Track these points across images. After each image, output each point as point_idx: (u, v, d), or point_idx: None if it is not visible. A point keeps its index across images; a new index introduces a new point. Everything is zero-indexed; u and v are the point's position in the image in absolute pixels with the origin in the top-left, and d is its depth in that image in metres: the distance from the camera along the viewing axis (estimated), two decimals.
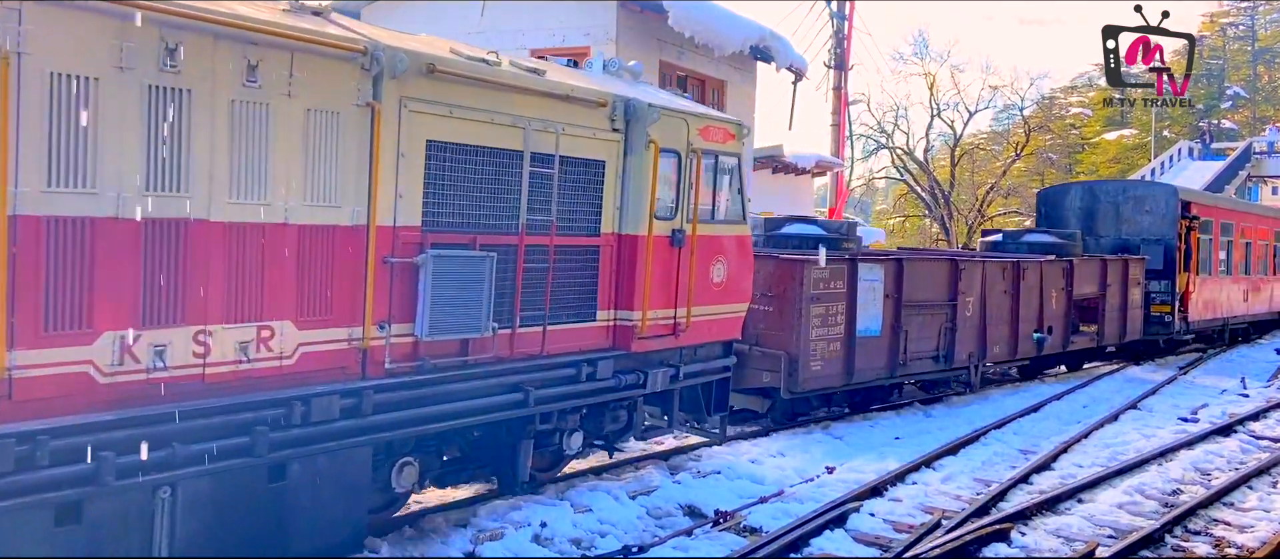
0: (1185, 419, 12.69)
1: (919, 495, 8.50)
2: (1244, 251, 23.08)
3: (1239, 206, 25.52)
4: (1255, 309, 24.03)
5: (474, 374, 6.69)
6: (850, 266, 11.27)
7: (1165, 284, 18.59)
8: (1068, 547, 7.27)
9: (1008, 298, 14.14)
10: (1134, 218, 19.29)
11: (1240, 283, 22.89)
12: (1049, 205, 20.87)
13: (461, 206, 6.52)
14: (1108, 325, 16.68)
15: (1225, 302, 21.71)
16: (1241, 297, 22.77)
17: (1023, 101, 55.09)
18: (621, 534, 7.35)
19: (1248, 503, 8.73)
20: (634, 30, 16.28)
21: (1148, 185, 22.92)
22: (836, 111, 27.18)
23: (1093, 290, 16.29)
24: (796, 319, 10.63)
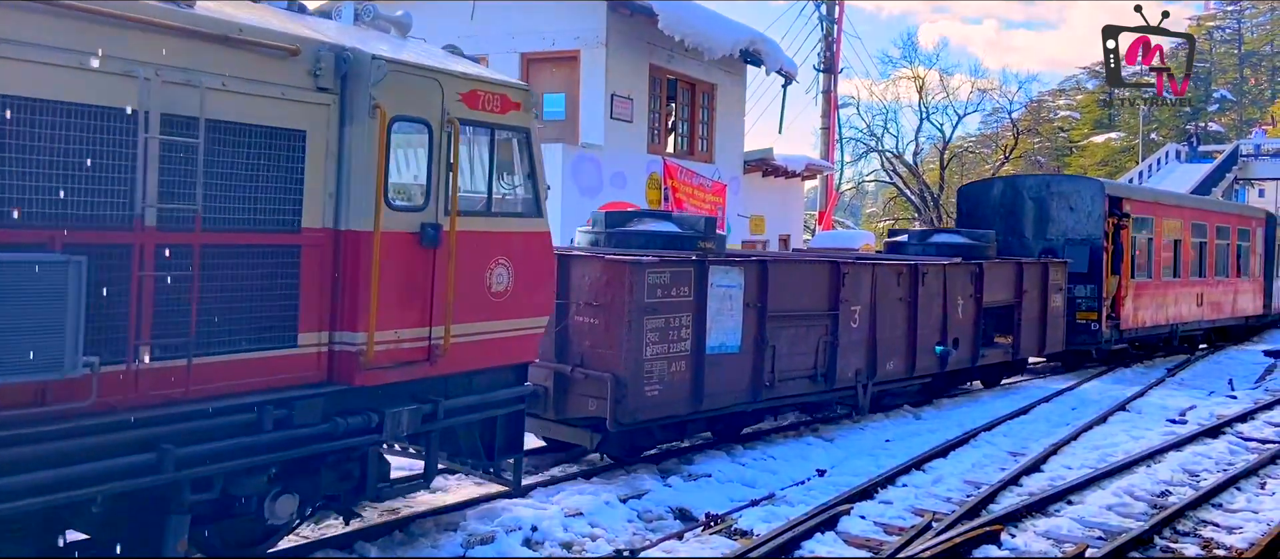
0: (1173, 421, 12.75)
1: (909, 498, 8.52)
2: (1197, 252, 21.14)
3: (1190, 203, 22.74)
4: (1215, 314, 22.09)
5: (50, 432, 4.62)
6: (698, 270, 9.25)
7: (1091, 289, 16.82)
8: (1057, 548, 7.29)
9: (904, 306, 12.20)
10: (1058, 216, 17.44)
11: (1192, 286, 20.83)
12: (970, 203, 18.80)
13: (26, 190, 4.56)
14: (1025, 336, 14.81)
15: (1172, 307, 19.77)
16: (1194, 301, 20.81)
17: (1012, 104, 55.25)
18: (612, 537, 7.35)
19: (1236, 504, 8.77)
20: (624, 33, 16.29)
21: (1072, 180, 20.49)
22: (826, 114, 27.23)
23: (1007, 297, 14.42)
24: (626, 333, 8.58)
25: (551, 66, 16.64)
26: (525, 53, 16.61)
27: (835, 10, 26.72)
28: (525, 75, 16.67)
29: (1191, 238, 20.74)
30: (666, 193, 17.34)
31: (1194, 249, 20.97)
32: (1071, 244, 17.08)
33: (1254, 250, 24.33)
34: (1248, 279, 23.95)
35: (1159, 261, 19.34)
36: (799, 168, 22.32)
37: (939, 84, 48.31)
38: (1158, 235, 19.26)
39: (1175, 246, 20.14)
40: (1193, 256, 20.92)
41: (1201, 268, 21.32)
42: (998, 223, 17.54)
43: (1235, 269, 23.20)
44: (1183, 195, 25.72)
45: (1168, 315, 19.67)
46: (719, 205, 18.46)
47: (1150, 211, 19.27)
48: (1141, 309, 18.51)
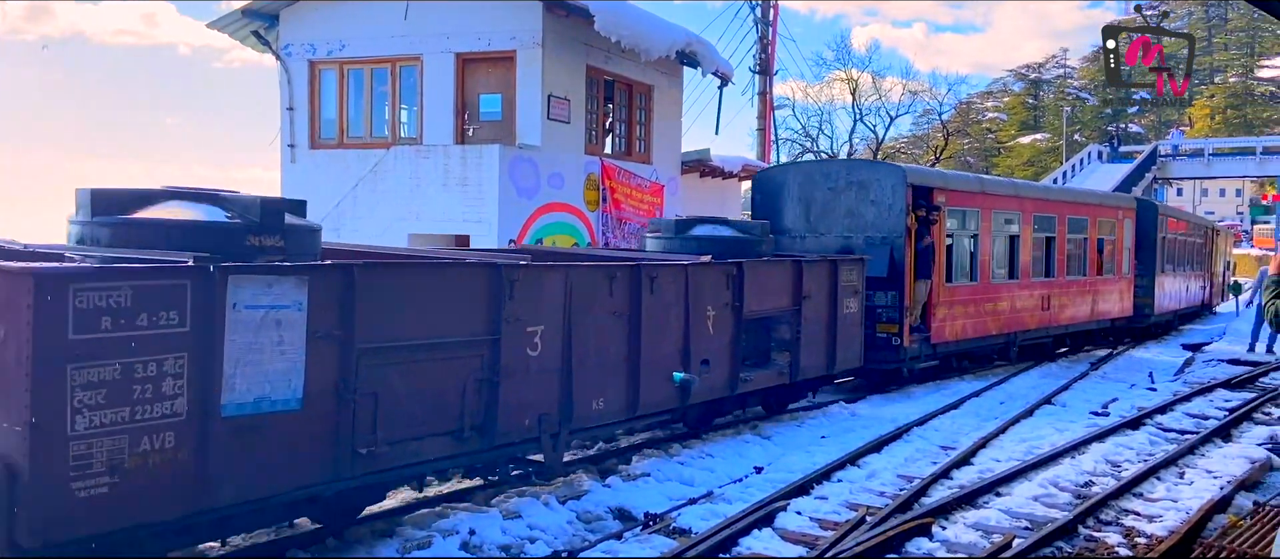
0: (1097, 414, 13.14)
1: (844, 493, 8.66)
2: (1042, 248, 18.32)
3: (1032, 192, 19.50)
4: (1069, 319, 19.36)
5: None
6: (199, 286, 5.58)
7: (892, 295, 14.03)
8: (986, 539, 7.48)
9: (620, 322, 8.82)
10: (860, 210, 14.54)
11: (1035, 288, 17.95)
12: (764, 195, 15.65)
13: None
14: (807, 353, 11.79)
15: (1006, 313, 16.98)
16: (1038, 305, 18.00)
17: (942, 106, 56.45)
18: (551, 539, 7.35)
19: (1156, 493, 9.07)
20: (560, 34, 16.27)
21: (872, 167, 16.70)
22: (762, 116, 27.52)
23: (781, 304, 11.39)
24: (26, 393, 4.93)
25: (487, 67, 16.55)
26: (460, 53, 16.50)
27: (769, 13, 27.01)
28: (460, 75, 16.58)
29: (1034, 233, 17.87)
30: (604, 194, 17.37)
31: (1037, 245, 18.06)
32: (872, 243, 14.21)
33: (1120, 245, 21.41)
34: (1112, 277, 21.14)
35: (987, 261, 16.44)
36: (736, 168, 22.52)
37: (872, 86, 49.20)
38: (986, 230, 16.35)
39: (1011, 243, 17.30)
40: (1036, 254, 18.03)
41: (1049, 267, 18.47)
42: (796, 219, 15.03)
43: (1095, 266, 20.34)
44: (1021, 183, 22.21)
45: (1001, 324, 16.84)
46: (657, 206, 18.55)
47: (973, 202, 16.23)
48: (961, 318, 15.72)
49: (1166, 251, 23.98)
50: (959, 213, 15.79)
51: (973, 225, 16.14)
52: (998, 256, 16.92)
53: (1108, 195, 24.18)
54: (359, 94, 17.51)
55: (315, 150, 17.65)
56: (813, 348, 11.95)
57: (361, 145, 17.22)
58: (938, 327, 15.10)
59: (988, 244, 16.47)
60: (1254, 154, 54.80)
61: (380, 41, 17.02)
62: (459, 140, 16.42)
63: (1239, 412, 12.99)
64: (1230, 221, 72.46)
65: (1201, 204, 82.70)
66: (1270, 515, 7.88)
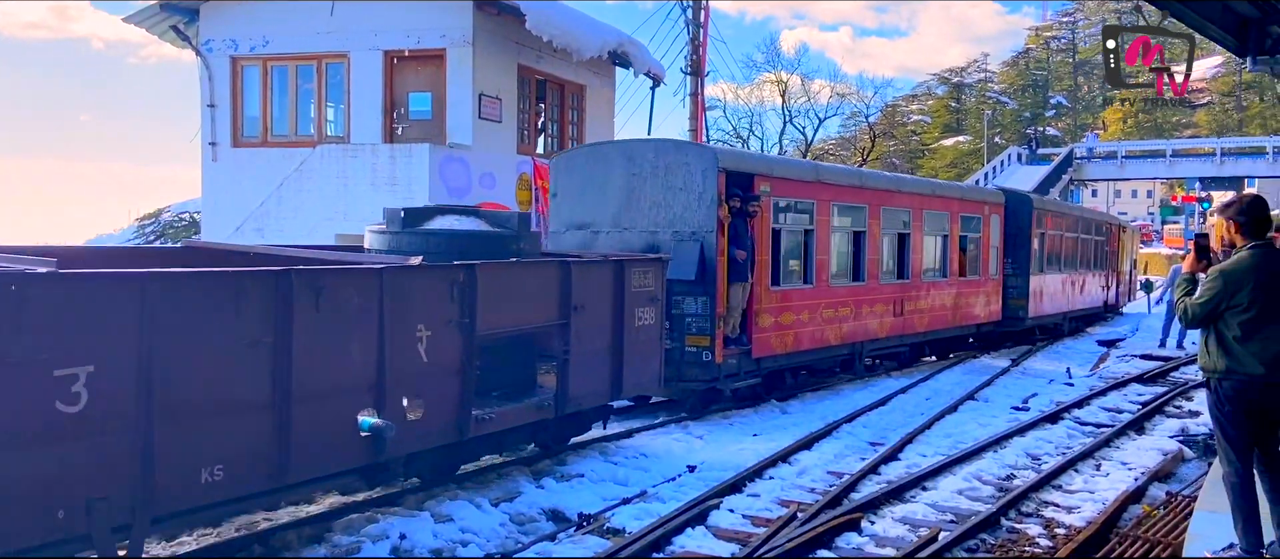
0: (1017, 408, 13.50)
1: (776, 489, 8.75)
2: (894, 247, 16.41)
3: (880, 182, 16.64)
4: (927, 325, 17.34)
5: None
6: None
7: (702, 302, 11.82)
8: (913, 533, 7.62)
9: (259, 354, 6.22)
10: (665, 199, 12.18)
11: (885, 292, 15.89)
12: (565, 181, 12.98)
13: None
14: (580, 378, 9.20)
15: (850, 320, 14.87)
16: (889, 311, 16.01)
17: (868, 108, 57.48)
18: (484, 542, 7.29)
19: (1074, 485, 9.35)
20: (491, 33, 16.15)
21: (678, 148, 12.74)
22: (694, 117, 27.67)
23: (542, 319, 8.87)
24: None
25: (416, 65, 16.34)
26: (388, 50, 16.27)
27: (701, 14, 27.17)
28: (388, 73, 16.34)
29: (884, 229, 15.74)
30: (537, 194, 17.30)
31: (887, 243, 15.99)
32: (680, 239, 11.94)
33: (987, 242, 19.37)
34: (977, 279, 19.13)
35: (825, 261, 14.20)
36: None
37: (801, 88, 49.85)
38: (824, 225, 14.10)
39: (856, 240, 15.19)
40: (886, 253, 15.99)
41: (902, 267, 16.42)
42: (599, 211, 12.59)
43: (958, 267, 18.34)
44: (868, 172, 19.10)
45: (844, 333, 14.72)
46: None
47: (807, 193, 13.86)
48: (791, 327, 13.44)
49: (1046, 250, 21.96)
50: (789, 204, 13.52)
51: (807, 219, 13.86)
52: (839, 256, 14.73)
53: (972, 189, 21.36)
54: (283, 91, 17.15)
55: (238, 149, 17.24)
56: (589, 371, 9.28)
57: (286, 144, 16.87)
58: (760, 337, 12.70)
59: (826, 241, 14.20)
60: (1164, 156, 56.90)
61: (305, 38, 16.70)
62: (388, 139, 16.20)
63: (1151, 405, 13.47)
64: (1142, 221, 75.22)
65: (1115, 205, 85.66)
66: (1182, 505, 8.18)
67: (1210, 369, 5.35)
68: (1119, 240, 30.54)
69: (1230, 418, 5.27)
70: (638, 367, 10.06)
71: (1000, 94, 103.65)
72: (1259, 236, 5.33)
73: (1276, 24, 11.85)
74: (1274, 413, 5.37)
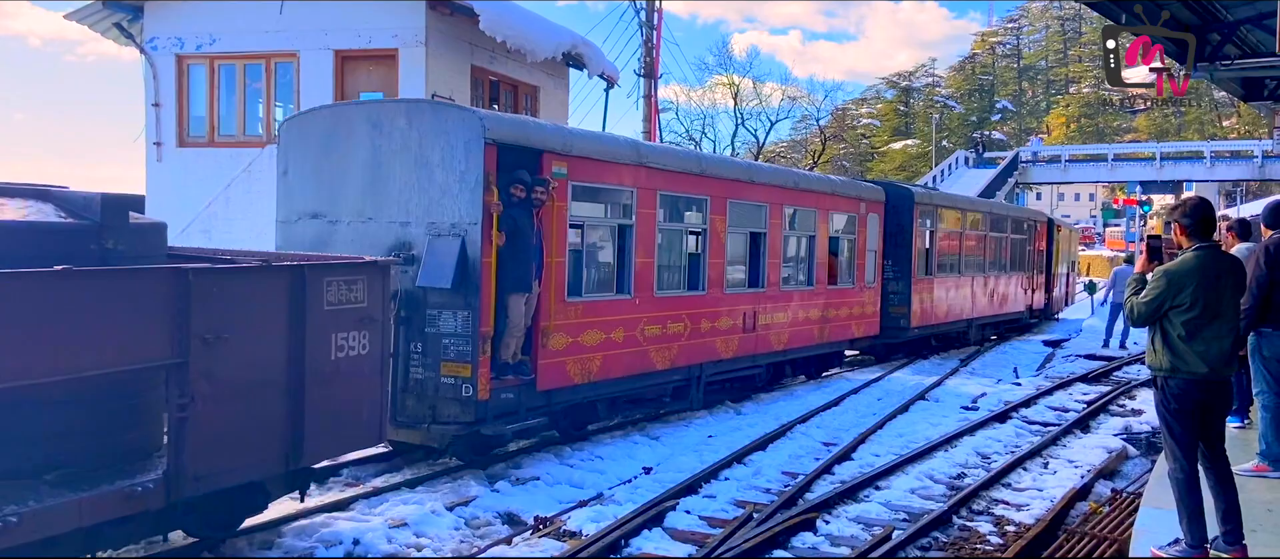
0: (967, 408, 13.71)
1: (732, 490, 8.78)
2: (744, 249, 13.41)
3: (724, 172, 13.16)
4: (785, 342, 14.37)
5: None
6: None
7: (464, 318, 8.90)
8: (867, 532, 7.70)
9: None
10: (418, 181, 9.21)
11: (732, 304, 12.94)
12: (302, 147, 9.95)
13: None
14: (214, 442, 6.13)
15: (684, 338, 11.92)
16: (738, 326, 13.10)
17: (819, 112, 58.03)
18: (438, 546, 7.22)
19: (1023, 483, 9.52)
20: (445, 33, 16.01)
21: (436, 112, 9.49)
22: (647, 118, 27.70)
23: (138, 356, 5.77)
24: None
25: (368, 65, 16.16)
26: (339, 50, 16.06)
27: (654, 16, 27.22)
28: (339, 73, 16.13)
29: (731, 228, 12.85)
30: None
31: (736, 245, 13.18)
32: (436, 233, 9.03)
33: (863, 245, 16.76)
34: (851, 287, 16.44)
35: (647, 265, 11.28)
36: None
37: (752, 91, 50.17)
38: (646, 221, 11.18)
39: (698, 242, 12.61)
40: (733, 257, 13.13)
41: (755, 274, 13.59)
42: (332, 195, 9.65)
43: (828, 273, 15.64)
44: (711, 157, 15.33)
45: (673, 354, 11.73)
46: None
47: (621, 178, 10.88)
48: (597, 350, 10.46)
49: (937, 251, 19.52)
50: (596, 192, 10.82)
51: (623, 212, 11.11)
52: (668, 259, 11.99)
53: (846, 182, 18.07)
54: (231, 90, 16.84)
55: (183, 149, 16.88)
56: (236, 431, 6.27)
57: (234, 144, 16.57)
58: (549, 364, 9.77)
59: (650, 240, 11.27)
60: (1106, 160, 58.26)
61: (253, 36, 16.41)
62: None
63: (1096, 404, 13.77)
64: (1084, 224, 76.85)
65: (1058, 207, 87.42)
66: (1127, 502, 8.37)
67: (1157, 367, 5.47)
68: (1050, 240, 28.18)
69: (1176, 415, 5.39)
70: (336, 416, 6.97)
71: (948, 98, 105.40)
72: (1204, 238, 5.47)
73: (1216, 31, 12.18)
74: (1218, 411, 5.51)
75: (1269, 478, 7.17)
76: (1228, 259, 5.55)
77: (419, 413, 9.01)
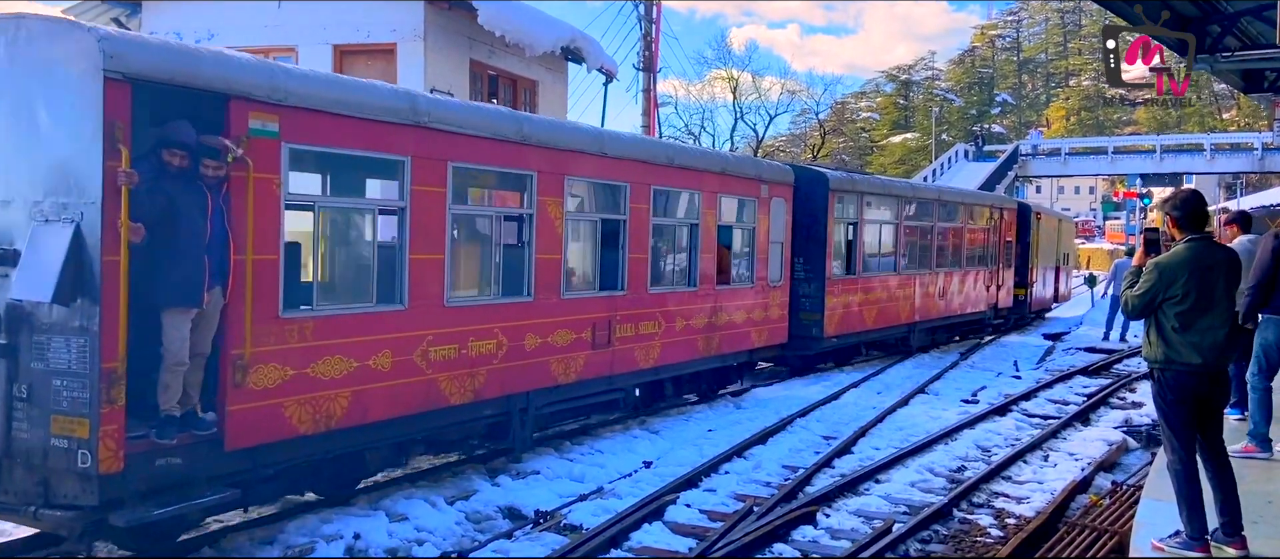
0: (967, 401, 13.72)
1: (732, 484, 8.79)
2: (593, 241, 10.54)
3: (560, 140, 9.77)
4: (655, 360, 11.23)
5: None
6: None
7: (81, 346, 5.91)
8: (868, 525, 7.71)
9: None
10: (23, 135, 6.21)
11: (572, 311, 9.92)
12: None
13: None
14: None
15: (497, 362, 8.89)
16: (588, 339, 10.11)
17: (818, 106, 57.98)
18: (439, 541, 7.23)
19: (1023, 476, 9.53)
20: (443, 28, 15.99)
21: (51, 31, 6.29)
22: (646, 113, 27.66)
23: None
24: None
25: (366, 59, 16.13)
26: (338, 44, 16.03)
27: (653, 10, 27.19)
28: (338, 67, 16.11)
29: (571, 215, 9.86)
30: None
31: (584, 233, 10.57)
32: (40, 219, 6.13)
33: (764, 236, 13.59)
34: (748, 286, 13.24)
35: (431, 265, 8.19)
36: None
37: (752, 85, 50.13)
38: (428, 204, 8.15)
39: (522, 232, 9.67)
40: (573, 251, 10.22)
41: (614, 274, 10.58)
42: None
43: (717, 271, 12.44)
44: (533, 120, 10.01)
45: (478, 382, 8.65)
46: None
47: (387, 142, 7.84)
48: (341, 384, 7.44)
49: (861, 245, 16.60)
50: (335, 162, 8.04)
51: (388, 190, 8.50)
52: (471, 255, 9.30)
53: (742, 160, 15.30)
54: None
55: None
56: None
57: None
58: (245, 413, 6.71)
59: (436, 229, 8.15)
60: (1106, 153, 58.22)
61: (252, 31, 16.36)
62: None
63: (1096, 397, 13.78)
64: (1085, 217, 76.83)
65: (1058, 200, 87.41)
66: (1128, 495, 8.38)
67: (1152, 359, 5.48)
68: (1025, 230, 24.46)
69: (1172, 406, 5.39)
70: None
71: (947, 91, 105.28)
72: (1196, 230, 5.47)
73: (1216, 23, 12.17)
74: (1215, 402, 5.51)
75: (1257, 459, 7.21)
76: (1220, 251, 5.53)
77: (27, 490, 6.06)
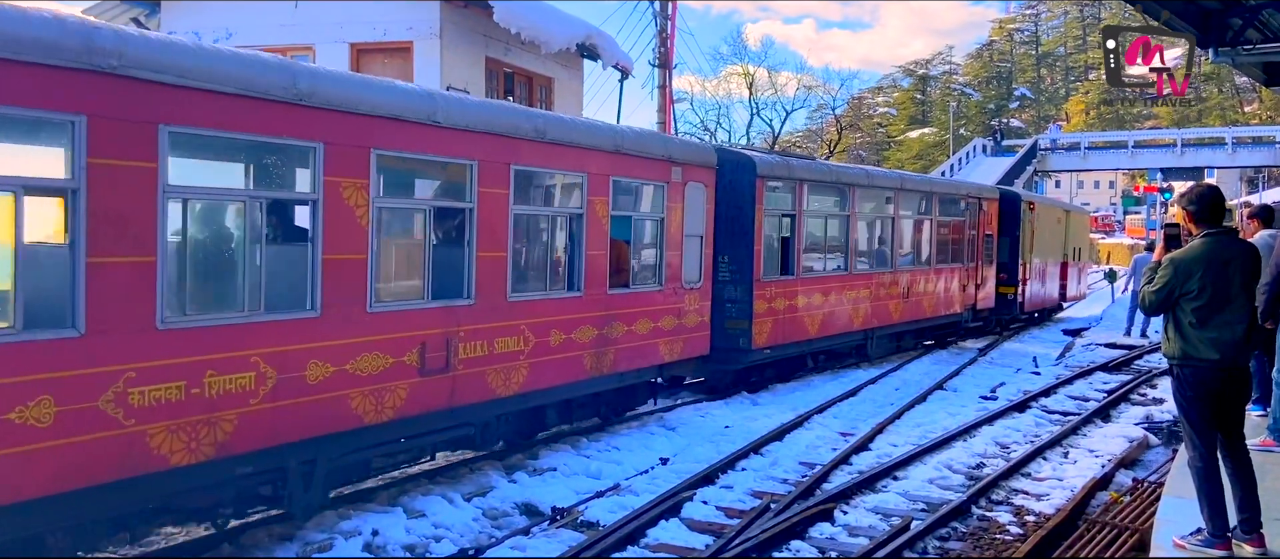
0: (985, 398, 13.64)
1: (749, 481, 8.77)
2: (423, 234, 8.05)
3: (336, 96, 6.86)
4: (536, 378, 9.02)
5: None
6: None
7: None
8: (886, 522, 7.68)
9: None
10: None
11: (406, 330, 7.61)
12: None
13: None
14: None
15: (258, 403, 6.45)
16: (415, 362, 7.67)
17: (835, 101, 57.77)
18: (457, 537, 7.25)
19: (1042, 473, 9.46)
20: (459, 26, 16.02)
21: None
22: (662, 109, 27.62)
23: None
24: None
25: (383, 57, 16.18)
26: (355, 43, 16.10)
27: (668, 6, 27.15)
28: (355, 66, 16.17)
29: (387, 196, 7.89)
30: None
31: (404, 225, 8.59)
32: None
33: (675, 232, 11.20)
34: (659, 290, 10.96)
35: (135, 271, 5.73)
36: None
37: (768, 81, 49.99)
38: (125, 185, 5.72)
39: (308, 223, 7.12)
40: (395, 248, 8.28)
41: (456, 277, 8.16)
42: None
43: (611, 271, 10.15)
44: (313, 72, 7.00)
45: (221, 438, 6.22)
46: None
47: (44, 92, 5.41)
48: None
49: (799, 240, 14.12)
50: None
51: (43, 162, 5.88)
52: (192, 256, 6.91)
53: (642, 135, 11.22)
54: None
55: None
56: None
57: None
58: None
59: (141, 222, 5.83)
60: (1126, 147, 57.68)
61: (269, 30, 16.45)
62: None
63: (1116, 393, 13.67)
64: (1105, 211, 76.21)
65: (1078, 195, 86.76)
66: (1149, 492, 8.30)
67: (1171, 355, 5.43)
68: (1014, 223, 21.63)
69: (1192, 403, 5.34)
70: None
71: (965, 86, 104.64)
72: (1212, 224, 5.41)
73: (1237, 15, 12.04)
74: (1235, 399, 5.45)
75: (1276, 452, 7.14)
76: (1238, 245, 5.46)
77: None
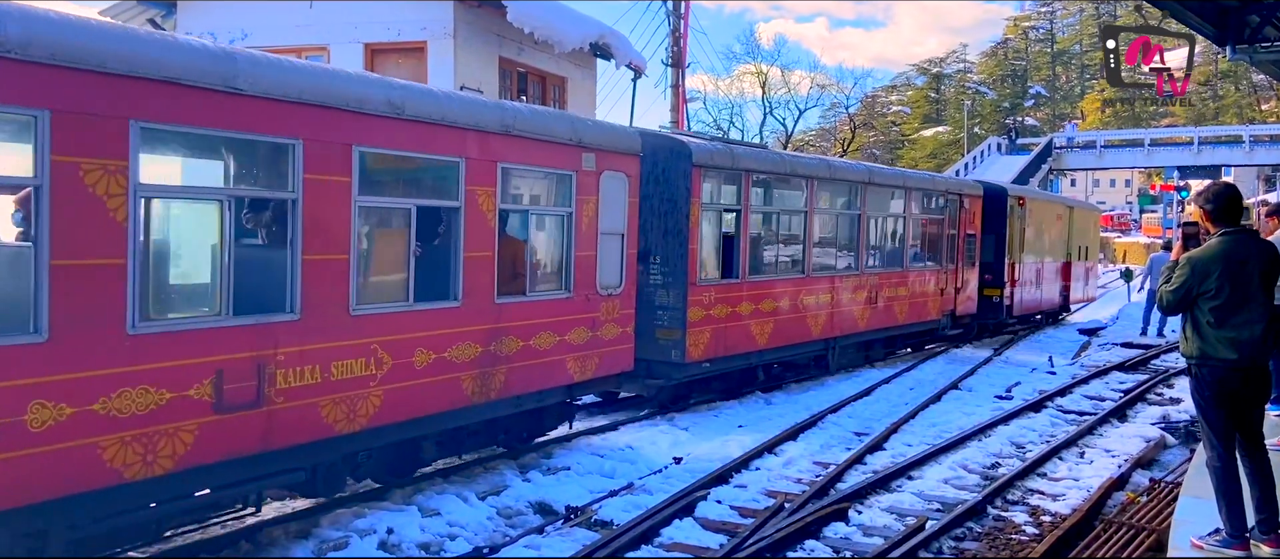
0: (1001, 397, 13.58)
1: (763, 480, 8.76)
2: (226, 231, 6.18)
3: (163, 66, 5.67)
4: (402, 407, 7.39)
5: None
6: None
7: None
8: (900, 522, 7.65)
9: None
10: None
11: (200, 354, 5.90)
12: None
13: None
14: None
15: None
16: (208, 395, 5.94)
17: (848, 99, 57.62)
18: (471, 536, 7.27)
19: (1058, 473, 9.41)
20: (472, 25, 16.06)
21: None
22: (675, 108, 27.61)
23: None
24: None
25: (397, 57, 16.23)
26: (369, 43, 16.16)
27: (681, 6, 27.13)
28: (369, 66, 16.23)
29: (187, 183, 7.62)
30: None
31: (202, 224, 7.34)
32: None
33: (589, 228, 9.51)
34: (568, 297, 9.28)
35: None
36: None
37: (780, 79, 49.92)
38: None
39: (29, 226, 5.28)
40: (185, 255, 7.73)
41: (280, 286, 6.52)
42: None
43: (503, 276, 8.43)
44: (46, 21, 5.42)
45: None
46: None
47: None
48: None
49: (760, 241, 13.06)
50: None
51: None
52: None
53: (544, 116, 9.51)
54: None
55: None
56: None
57: None
58: None
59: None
60: (1142, 146, 57.29)
61: (284, 31, 16.53)
62: None
63: (1133, 393, 13.58)
64: (1121, 210, 75.72)
65: (1094, 194, 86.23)
66: (1165, 492, 8.25)
67: (1189, 355, 5.39)
68: (1000, 221, 19.98)
69: (1210, 402, 5.31)
70: None
71: (979, 84, 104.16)
72: (1229, 223, 5.36)
73: (1255, 13, 11.95)
74: (1254, 398, 5.41)
75: None
76: (1256, 244, 5.41)
77: None
